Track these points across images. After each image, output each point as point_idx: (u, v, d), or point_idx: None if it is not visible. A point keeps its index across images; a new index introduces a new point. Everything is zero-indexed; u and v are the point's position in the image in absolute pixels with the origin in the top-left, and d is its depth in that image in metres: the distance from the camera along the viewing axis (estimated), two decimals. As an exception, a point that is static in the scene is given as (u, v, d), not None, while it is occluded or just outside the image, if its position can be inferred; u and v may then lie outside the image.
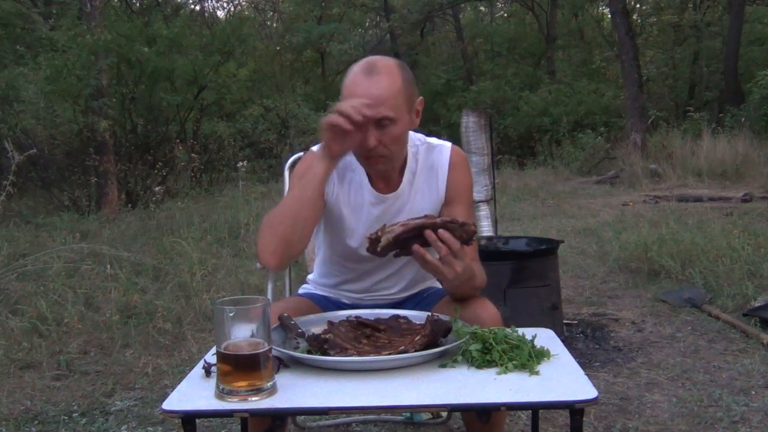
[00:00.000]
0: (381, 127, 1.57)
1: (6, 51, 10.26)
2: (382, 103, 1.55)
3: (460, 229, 1.46)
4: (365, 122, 1.54)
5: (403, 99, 1.59)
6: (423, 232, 1.43)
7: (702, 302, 3.86)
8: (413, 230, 1.44)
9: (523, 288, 3.16)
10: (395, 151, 1.64)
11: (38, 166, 8.39)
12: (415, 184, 1.75)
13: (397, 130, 1.59)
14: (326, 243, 1.84)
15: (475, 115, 4.56)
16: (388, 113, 1.56)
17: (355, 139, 1.57)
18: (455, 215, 1.72)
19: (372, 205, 1.73)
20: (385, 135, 1.58)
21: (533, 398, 1.22)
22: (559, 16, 20.31)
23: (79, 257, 4.69)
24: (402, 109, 1.59)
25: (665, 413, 2.52)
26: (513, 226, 6.84)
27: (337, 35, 19.20)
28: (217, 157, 11.59)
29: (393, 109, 1.56)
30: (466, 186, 1.78)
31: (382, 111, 1.55)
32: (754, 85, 11.96)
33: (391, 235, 1.43)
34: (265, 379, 1.22)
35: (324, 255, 1.88)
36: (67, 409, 2.71)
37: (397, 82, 1.59)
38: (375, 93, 1.55)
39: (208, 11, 21.37)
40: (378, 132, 1.57)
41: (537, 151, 13.92)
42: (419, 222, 1.44)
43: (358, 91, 1.56)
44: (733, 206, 7.22)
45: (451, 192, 1.75)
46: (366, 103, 1.54)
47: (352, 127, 1.52)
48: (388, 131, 1.58)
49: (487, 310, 1.58)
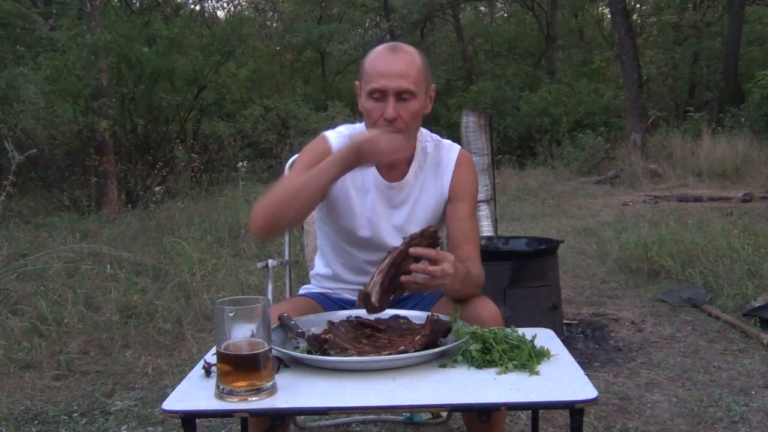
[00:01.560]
0: (401, 101, 1.62)
1: (6, 51, 10.25)
2: (404, 77, 1.61)
3: (423, 239, 1.49)
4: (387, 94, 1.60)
5: (422, 78, 1.65)
6: (400, 264, 1.46)
7: (702, 302, 3.86)
8: (390, 269, 1.46)
9: (523, 288, 3.15)
10: (412, 127, 1.67)
11: (38, 166, 8.39)
12: (422, 178, 1.77)
13: (416, 105, 1.63)
14: (330, 226, 1.84)
15: (475, 115, 4.56)
16: (410, 86, 1.61)
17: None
18: (459, 214, 1.75)
19: (377, 189, 1.75)
20: (404, 108, 1.62)
21: (533, 398, 1.22)
22: (559, 16, 20.32)
23: (79, 257, 4.69)
24: (420, 87, 1.64)
25: (665, 413, 2.52)
26: (513, 226, 6.84)
27: (337, 35, 19.19)
28: (217, 157, 11.58)
29: (414, 83, 1.62)
30: (471, 185, 1.80)
31: (405, 84, 1.61)
32: (754, 85, 11.96)
33: (377, 287, 1.45)
34: (265, 379, 1.22)
35: (326, 242, 1.89)
36: (67, 409, 2.71)
37: (418, 61, 1.65)
38: (399, 66, 1.62)
39: (208, 11, 21.39)
40: (396, 104, 1.61)
41: (537, 151, 13.92)
42: (389, 260, 1.46)
43: (381, 65, 1.62)
44: (733, 206, 7.22)
45: (455, 190, 1.77)
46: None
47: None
48: (408, 105, 1.62)
49: (487, 308, 1.58)
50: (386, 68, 1.61)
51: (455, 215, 1.76)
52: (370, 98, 1.64)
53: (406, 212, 1.77)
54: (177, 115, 10.15)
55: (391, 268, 1.46)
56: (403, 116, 1.62)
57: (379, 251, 1.66)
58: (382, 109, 1.62)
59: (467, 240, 1.73)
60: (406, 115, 1.63)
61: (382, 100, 1.62)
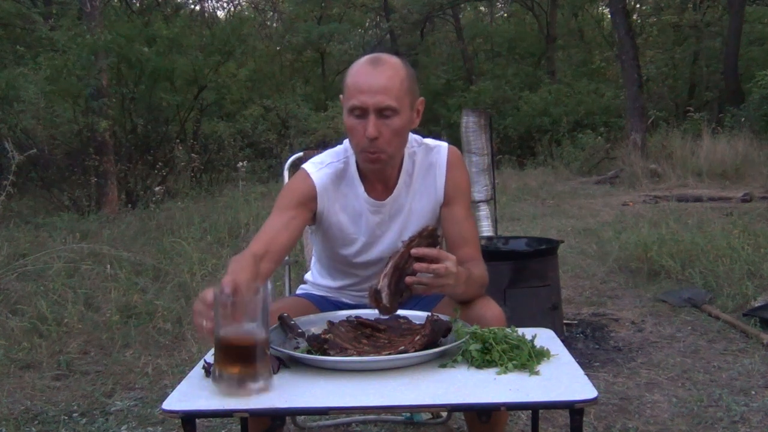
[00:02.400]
0: (383, 117, 1.55)
1: (6, 51, 10.25)
2: (384, 92, 1.53)
3: (422, 240, 1.48)
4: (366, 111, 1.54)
5: (405, 92, 1.57)
6: (403, 268, 1.45)
7: (702, 302, 3.86)
8: (394, 272, 1.44)
9: (523, 288, 3.15)
10: (395, 146, 1.61)
11: (38, 166, 8.38)
12: (413, 185, 1.73)
13: (398, 122, 1.56)
14: (325, 252, 1.82)
15: (475, 115, 4.56)
16: (391, 103, 1.54)
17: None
18: (456, 217, 1.73)
19: (371, 213, 1.72)
20: (385, 126, 1.55)
21: (533, 398, 1.22)
22: (559, 16, 20.31)
23: (79, 257, 4.68)
24: (404, 102, 1.57)
25: (665, 413, 2.52)
26: (513, 226, 6.84)
27: (337, 35, 19.18)
28: (217, 157, 11.59)
29: (396, 99, 1.54)
30: (464, 185, 1.76)
31: (385, 100, 1.53)
32: (754, 85, 11.96)
33: (385, 290, 1.44)
34: (261, 368, 1.22)
35: (323, 261, 1.87)
36: (67, 409, 2.71)
37: (401, 74, 1.57)
38: (379, 82, 1.53)
39: (208, 11, 21.39)
40: (377, 122, 1.55)
41: (537, 151, 13.91)
42: (392, 263, 1.45)
43: (361, 80, 1.55)
44: (733, 206, 7.22)
45: (450, 192, 1.73)
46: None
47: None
48: (390, 122, 1.56)
49: (491, 309, 1.57)
50: (365, 83, 1.53)
51: (452, 219, 1.72)
52: (351, 115, 1.57)
53: (401, 222, 1.73)
54: (177, 115, 10.15)
55: (395, 272, 1.44)
56: (384, 134, 1.56)
57: (377, 266, 1.65)
58: (365, 126, 1.55)
59: (466, 242, 1.71)
60: (388, 132, 1.56)
61: (364, 117, 1.55)
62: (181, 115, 10.21)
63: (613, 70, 18.48)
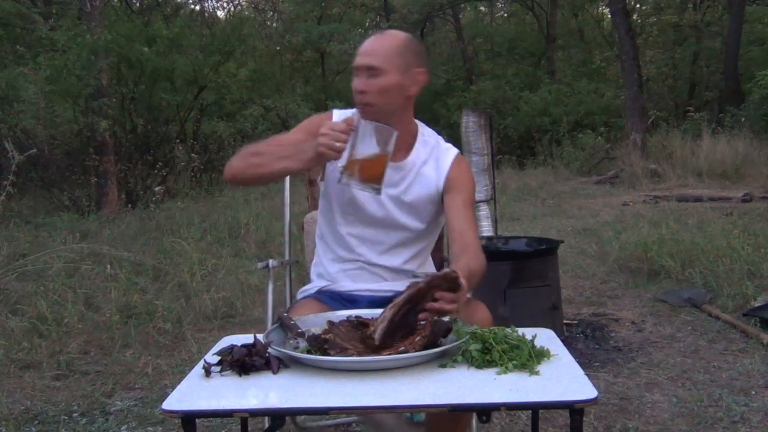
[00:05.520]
0: (371, 77, 1.72)
1: (6, 51, 10.25)
2: (371, 54, 1.72)
3: (445, 283, 1.40)
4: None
5: (397, 58, 1.73)
6: (417, 302, 1.39)
7: (702, 302, 3.86)
8: (405, 305, 1.39)
9: (523, 288, 3.16)
10: (383, 102, 1.73)
11: (38, 166, 8.39)
12: (419, 166, 1.82)
13: (383, 81, 1.71)
14: (332, 212, 1.86)
15: (475, 115, 4.56)
16: (374, 63, 1.71)
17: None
18: (457, 202, 1.77)
19: None
20: (372, 83, 1.71)
21: (533, 398, 1.22)
22: (559, 16, 20.30)
23: (79, 257, 4.69)
24: (392, 65, 1.72)
25: (665, 413, 2.52)
26: (513, 226, 6.84)
27: (337, 35, 19.16)
28: (217, 157, 11.57)
29: (382, 62, 1.71)
30: (468, 182, 1.83)
31: (368, 60, 1.72)
32: (754, 85, 11.94)
33: (384, 323, 1.38)
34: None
35: (327, 237, 1.90)
36: (67, 409, 2.71)
37: (396, 42, 1.75)
38: (373, 45, 1.74)
39: (208, 11, 21.37)
40: (366, 80, 1.72)
41: (537, 151, 13.90)
42: (405, 295, 1.39)
43: (361, 47, 1.76)
44: (733, 206, 7.22)
45: (451, 182, 1.81)
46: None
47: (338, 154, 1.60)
48: (375, 81, 1.71)
49: (479, 313, 1.61)
50: (362, 48, 1.75)
51: (453, 204, 1.79)
52: (354, 75, 1.76)
53: (399, 191, 1.81)
54: (177, 115, 10.15)
55: (406, 304, 1.39)
56: (370, 90, 1.71)
57: (364, 223, 1.82)
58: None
59: (468, 227, 1.75)
60: (374, 88, 1.71)
61: (359, 76, 1.74)
62: (181, 115, 10.21)
63: (613, 70, 18.48)
